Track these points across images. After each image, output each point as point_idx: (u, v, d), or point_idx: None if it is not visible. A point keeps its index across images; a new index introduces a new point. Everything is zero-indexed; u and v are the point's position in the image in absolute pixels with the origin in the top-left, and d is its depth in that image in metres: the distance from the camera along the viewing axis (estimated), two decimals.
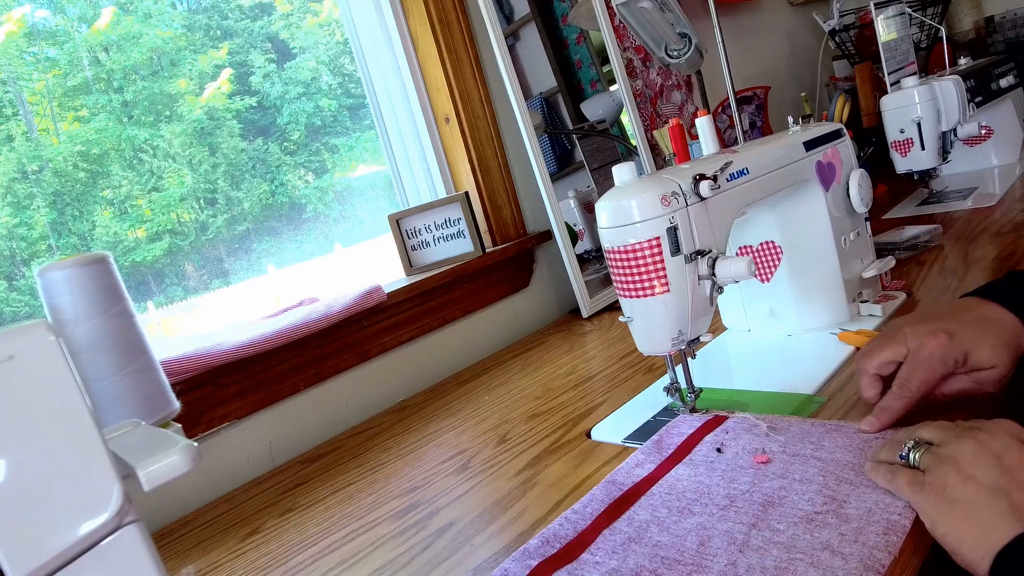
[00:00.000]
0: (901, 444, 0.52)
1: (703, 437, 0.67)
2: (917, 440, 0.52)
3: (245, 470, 0.94)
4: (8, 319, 0.99)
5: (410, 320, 1.15)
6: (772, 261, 0.89)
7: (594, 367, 1.01)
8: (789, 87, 2.17)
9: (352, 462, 0.88)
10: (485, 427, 0.88)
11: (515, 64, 1.29)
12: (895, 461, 0.52)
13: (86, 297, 0.53)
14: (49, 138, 1.05)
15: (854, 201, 0.87)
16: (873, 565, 0.45)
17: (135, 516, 0.32)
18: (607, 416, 0.81)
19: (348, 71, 1.37)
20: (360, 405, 1.07)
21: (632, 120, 1.48)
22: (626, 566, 0.51)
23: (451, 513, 0.68)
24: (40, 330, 0.30)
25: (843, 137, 0.90)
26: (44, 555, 0.29)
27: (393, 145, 1.34)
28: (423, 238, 1.26)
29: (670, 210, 0.65)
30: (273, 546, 0.72)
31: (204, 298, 1.16)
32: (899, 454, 0.52)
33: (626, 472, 0.64)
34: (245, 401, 0.95)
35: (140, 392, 0.54)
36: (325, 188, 1.32)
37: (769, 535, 0.50)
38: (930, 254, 1.08)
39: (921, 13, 1.84)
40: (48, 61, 1.05)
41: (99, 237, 1.07)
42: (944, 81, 1.26)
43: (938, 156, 1.28)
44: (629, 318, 0.70)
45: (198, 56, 1.19)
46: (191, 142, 1.15)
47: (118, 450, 0.33)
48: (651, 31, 1.25)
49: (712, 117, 0.79)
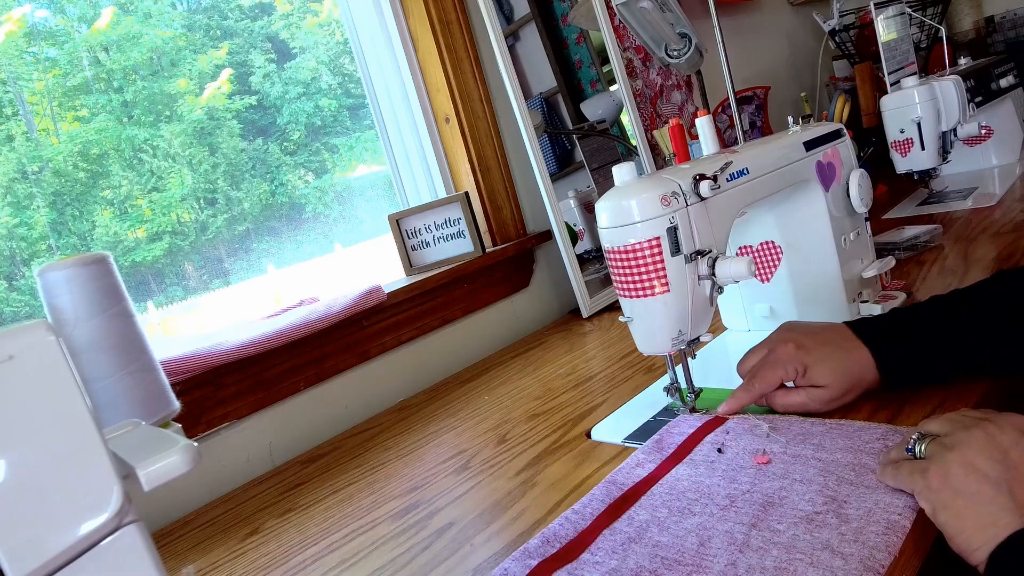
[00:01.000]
0: (908, 440, 0.53)
1: (703, 437, 0.67)
2: (923, 433, 0.52)
3: (245, 470, 0.94)
4: (8, 319, 0.99)
5: (410, 320, 1.15)
6: (772, 261, 0.89)
7: (594, 367, 1.01)
8: (789, 87, 2.17)
9: (352, 462, 0.88)
10: (485, 427, 0.88)
11: (515, 64, 1.29)
12: (903, 457, 0.53)
13: (86, 297, 0.53)
14: (49, 138, 1.05)
15: (854, 201, 0.87)
16: (873, 565, 0.45)
17: (135, 516, 0.32)
18: (607, 416, 0.81)
19: (348, 71, 1.37)
20: (360, 405, 1.07)
21: (632, 120, 1.48)
22: (626, 566, 0.51)
23: (451, 513, 0.68)
24: (40, 330, 0.30)
25: (843, 137, 0.90)
26: (44, 555, 0.29)
27: (393, 145, 1.34)
28: (423, 238, 1.26)
29: (670, 210, 0.65)
30: (273, 546, 0.72)
31: (204, 298, 1.16)
32: (906, 448, 0.52)
33: (626, 472, 0.64)
34: (245, 401, 0.95)
35: (140, 392, 0.54)
36: (325, 188, 1.32)
37: (769, 535, 0.50)
38: (930, 254, 1.08)
39: (921, 13, 1.84)
40: (48, 61, 1.05)
41: (99, 237, 1.07)
42: (944, 81, 1.26)
43: (938, 156, 1.28)
44: (629, 318, 0.70)
45: (198, 56, 1.19)
46: (191, 142, 1.15)
47: (118, 450, 0.33)
48: (651, 31, 1.25)
49: (712, 117, 0.79)
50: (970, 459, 0.48)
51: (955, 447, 0.49)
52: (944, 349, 0.65)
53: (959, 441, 0.49)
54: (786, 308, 0.90)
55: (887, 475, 0.52)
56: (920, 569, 0.48)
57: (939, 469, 0.48)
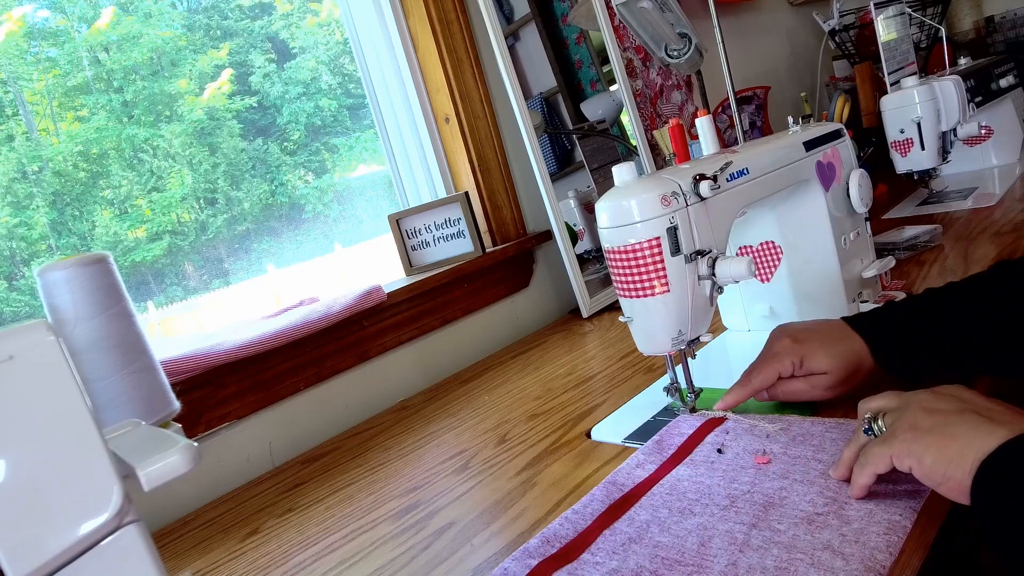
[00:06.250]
0: (860, 430, 0.54)
1: (704, 437, 0.67)
2: (873, 414, 0.53)
3: (245, 470, 0.94)
4: (8, 319, 0.99)
5: (410, 320, 1.15)
6: (772, 261, 0.89)
7: (594, 367, 1.01)
8: (789, 87, 2.17)
9: (352, 462, 0.88)
10: (485, 427, 0.88)
11: (515, 64, 1.29)
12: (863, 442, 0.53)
13: (86, 297, 0.53)
14: (49, 138, 1.05)
15: (854, 201, 0.87)
16: (874, 566, 0.45)
17: (135, 516, 0.32)
18: (607, 416, 0.81)
19: (348, 71, 1.37)
20: (360, 405, 1.07)
21: (632, 120, 1.48)
22: (626, 566, 0.51)
23: (451, 513, 0.68)
24: (40, 330, 0.30)
25: (843, 137, 0.90)
26: (44, 555, 0.29)
27: (393, 145, 1.34)
28: (423, 238, 1.25)
29: (670, 210, 0.65)
30: (273, 546, 0.72)
31: (204, 298, 1.16)
32: (863, 431, 0.53)
33: (627, 472, 0.64)
34: (245, 401, 0.95)
35: (140, 392, 0.54)
36: (325, 188, 1.32)
37: (770, 535, 0.50)
38: (930, 254, 1.08)
39: (921, 13, 1.84)
40: (48, 61, 1.05)
41: (99, 237, 1.07)
42: (944, 81, 1.26)
43: (938, 156, 1.28)
44: (629, 318, 0.70)
45: (198, 56, 1.19)
46: (191, 142, 1.15)
47: (118, 450, 0.33)
48: (651, 31, 1.25)
49: (712, 117, 0.79)
50: (928, 405, 0.50)
51: (910, 403, 0.51)
52: (939, 335, 0.65)
53: (910, 399, 0.52)
54: (786, 308, 0.90)
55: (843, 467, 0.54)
56: (920, 569, 0.48)
57: (906, 423, 0.49)
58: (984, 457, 0.44)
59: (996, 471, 0.43)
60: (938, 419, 0.48)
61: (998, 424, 0.45)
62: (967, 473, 0.45)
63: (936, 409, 0.49)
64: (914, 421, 0.49)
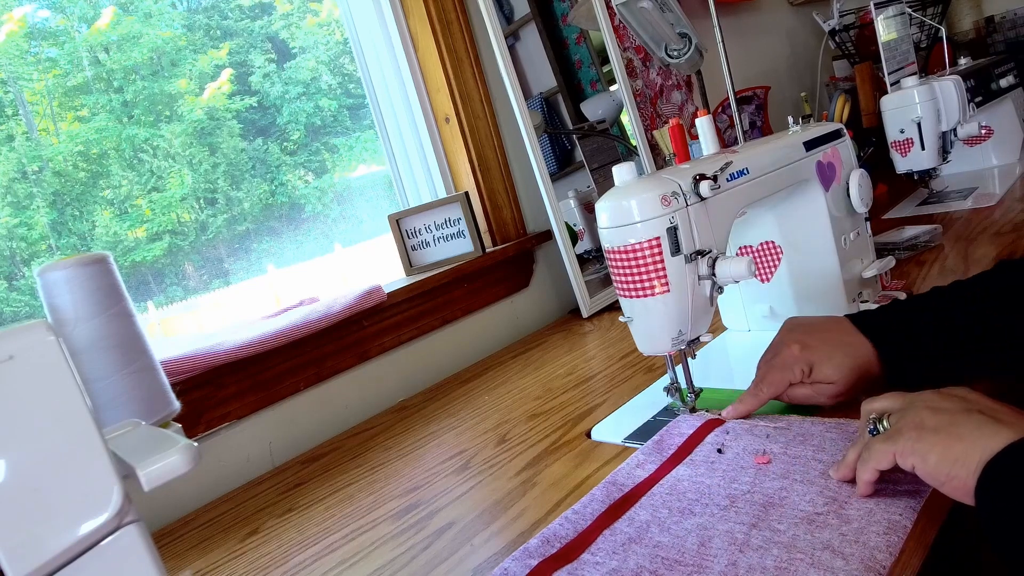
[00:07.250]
0: (864, 431, 0.54)
1: (704, 437, 0.67)
2: (878, 415, 0.53)
3: (245, 470, 0.94)
4: (8, 319, 0.99)
5: (410, 320, 1.15)
6: (772, 261, 0.89)
7: (594, 367, 1.01)
8: (789, 87, 2.17)
9: (352, 462, 0.88)
10: (485, 427, 0.88)
11: (515, 64, 1.29)
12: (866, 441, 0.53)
13: (86, 297, 0.53)
14: (49, 138, 1.05)
15: (854, 201, 0.87)
16: (874, 566, 0.45)
17: (135, 516, 0.32)
18: (607, 416, 0.81)
19: (348, 71, 1.37)
20: (360, 405, 1.07)
21: (632, 120, 1.48)
22: (626, 566, 0.51)
23: (451, 513, 0.68)
24: (40, 330, 0.30)
25: (843, 137, 0.90)
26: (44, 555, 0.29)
27: (393, 145, 1.34)
28: (423, 238, 1.25)
29: (670, 210, 0.65)
30: (273, 546, 0.72)
31: (204, 298, 1.16)
32: (867, 431, 0.53)
33: (627, 472, 0.64)
34: (245, 401, 0.95)
35: (140, 392, 0.54)
36: (325, 188, 1.32)
37: (770, 535, 0.50)
38: (930, 254, 1.08)
39: (921, 13, 1.84)
40: (48, 61, 1.05)
41: (99, 237, 1.07)
42: (944, 81, 1.26)
43: (938, 156, 1.28)
44: (629, 318, 0.70)
45: (198, 56, 1.19)
46: (191, 142, 1.15)
47: (118, 450, 0.33)
48: (651, 31, 1.25)
49: (712, 117, 0.79)
50: (934, 404, 0.50)
51: (915, 403, 0.51)
52: (945, 337, 0.65)
53: (915, 399, 0.52)
54: (786, 308, 0.90)
55: (846, 467, 0.53)
56: (921, 569, 0.48)
57: (911, 422, 0.49)
58: (989, 457, 0.44)
59: (1001, 472, 0.43)
60: (943, 419, 0.48)
61: (1004, 425, 0.45)
62: (972, 473, 0.44)
63: (942, 409, 0.49)
64: (919, 420, 0.49)
